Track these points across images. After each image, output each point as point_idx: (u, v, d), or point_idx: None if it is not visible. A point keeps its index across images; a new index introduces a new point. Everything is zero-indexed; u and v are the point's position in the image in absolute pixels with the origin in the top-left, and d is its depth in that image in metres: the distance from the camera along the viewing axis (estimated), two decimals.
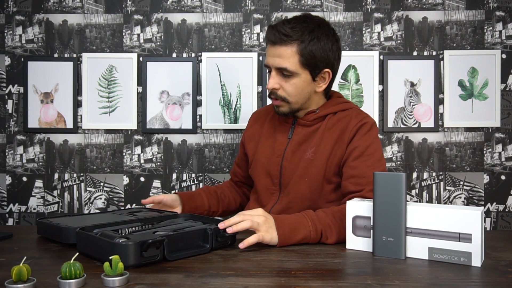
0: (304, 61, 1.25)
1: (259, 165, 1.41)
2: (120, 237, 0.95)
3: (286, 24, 1.25)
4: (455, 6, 2.06)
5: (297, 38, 1.24)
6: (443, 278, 0.84)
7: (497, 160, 2.06)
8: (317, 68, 1.28)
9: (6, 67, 2.10)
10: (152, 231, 1.05)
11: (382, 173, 1.00)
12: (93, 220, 1.19)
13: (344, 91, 2.06)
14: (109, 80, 2.09)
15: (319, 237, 1.12)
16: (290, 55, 1.25)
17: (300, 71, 1.27)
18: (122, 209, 1.48)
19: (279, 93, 1.30)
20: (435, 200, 2.08)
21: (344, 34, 2.08)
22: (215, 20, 2.09)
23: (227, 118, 2.08)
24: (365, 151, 1.27)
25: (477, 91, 2.05)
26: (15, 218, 2.11)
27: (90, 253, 0.98)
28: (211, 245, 1.03)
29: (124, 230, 1.08)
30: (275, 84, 1.28)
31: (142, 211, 1.34)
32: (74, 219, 1.23)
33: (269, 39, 1.28)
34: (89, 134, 2.09)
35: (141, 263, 0.90)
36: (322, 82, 1.33)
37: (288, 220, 1.11)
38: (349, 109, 1.36)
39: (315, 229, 1.11)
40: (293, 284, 0.81)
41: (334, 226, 1.13)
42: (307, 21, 1.27)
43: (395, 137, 2.07)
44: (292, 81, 1.28)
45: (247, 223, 1.04)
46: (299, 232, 1.10)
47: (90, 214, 1.36)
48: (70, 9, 2.09)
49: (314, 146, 1.31)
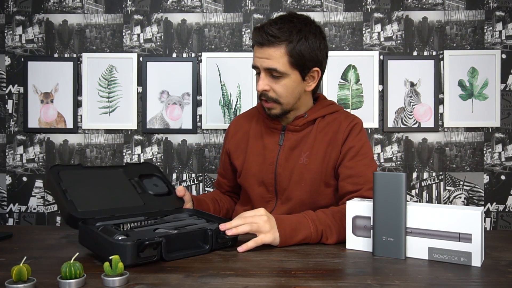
0: (294, 61, 1.24)
1: (250, 175, 1.38)
2: (120, 234, 0.95)
3: (273, 25, 1.23)
4: (455, 6, 2.06)
5: (285, 39, 1.23)
6: (443, 278, 0.84)
7: (497, 160, 2.06)
8: (306, 67, 1.27)
9: (6, 67, 2.10)
10: (153, 228, 1.04)
11: (382, 173, 1.00)
12: (103, 195, 1.15)
13: (344, 91, 2.06)
14: (109, 80, 2.09)
15: (320, 237, 1.12)
16: (280, 56, 1.23)
17: (289, 72, 1.25)
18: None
19: (270, 95, 1.28)
20: (435, 200, 2.08)
21: (344, 34, 2.08)
22: (215, 20, 2.09)
23: (227, 118, 2.08)
24: (359, 150, 1.27)
25: (477, 91, 2.05)
26: (15, 218, 2.11)
27: (90, 248, 0.98)
28: (210, 246, 1.03)
29: (126, 225, 1.07)
30: (265, 85, 1.27)
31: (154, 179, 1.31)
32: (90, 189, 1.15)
33: (257, 41, 1.26)
34: (89, 134, 2.09)
35: (137, 263, 0.91)
36: (311, 81, 1.32)
37: (289, 221, 1.11)
38: (337, 111, 1.36)
39: (316, 229, 1.11)
40: (293, 284, 0.81)
41: (334, 226, 1.13)
42: (294, 21, 1.25)
43: (395, 137, 2.07)
44: (282, 82, 1.26)
45: (246, 228, 1.04)
46: (300, 232, 1.10)
47: (103, 169, 1.29)
48: (70, 9, 2.10)
49: (308, 151, 1.31)
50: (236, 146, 1.45)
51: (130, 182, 1.23)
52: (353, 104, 2.06)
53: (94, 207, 1.08)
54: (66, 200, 1.06)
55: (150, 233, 1.01)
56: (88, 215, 1.05)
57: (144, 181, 1.26)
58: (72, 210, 1.04)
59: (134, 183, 1.23)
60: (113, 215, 1.09)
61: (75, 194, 1.09)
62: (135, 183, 1.23)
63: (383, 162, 2.08)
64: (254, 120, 1.44)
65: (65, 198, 1.07)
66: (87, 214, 1.05)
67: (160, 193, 1.26)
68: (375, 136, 2.07)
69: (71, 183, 1.11)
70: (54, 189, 1.10)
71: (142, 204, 1.17)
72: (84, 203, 1.08)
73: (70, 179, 1.13)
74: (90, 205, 1.08)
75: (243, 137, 1.44)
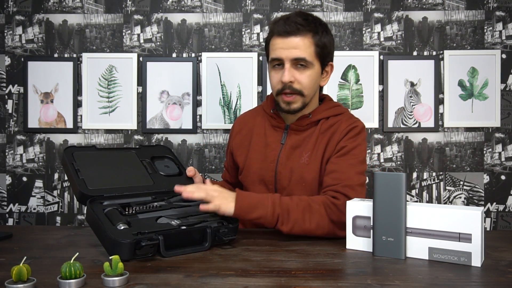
0: (319, 52, 1.26)
1: (251, 172, 1.38)
2: (123, 222, 0.99)
3: (297, 16, 1.25)
4: (455, 6, 2.06)
5: (311, 29, 1.24)
6: (443, 278, 0.84)
7: (497, 160, 2.06)
8: (326, 60, 1.30)
9: (6, 67, 2.10)
10: (156, 217, 1.07)
11: (382, 173, 1.00)
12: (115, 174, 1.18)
13: (344, 91, 2.06)
14: (109, 80, 2.09)
15: (275, 221, 1.12)
16: (308, 45, 1.24)
17: (315, 62, 1.27)
18: None
19: (295, 86, 1.26)
20: (435, 200, 2.08)
21: (344, 34, 2.08)
22: (215, 20, 2.09)
23: (227, 118, 2.08)
24: (350, 151, 1.26)
25: (477, 91, 2.05)
26: (15, 218, 2.11)
27: (92, 229, 1.03)
28: (209, 243, 1.04)
29: (132, 208, 1.09)
30: (291, 77, 1.25)
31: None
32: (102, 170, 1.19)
33: (281, 30, 1.25)
34: (89, 134, 2.09)
35: (134, 258, 0.95)
36: (325, 76, 1.35)
37: (251, 197, 1.13)
38: (341, 113, 1.36)
39: (272, 212, 1.11)
40: (293, 284, 0.81)
41: (293, 214, 1.12)
42: (313, 15, 1.29)
43: (395, 137, 2.07)
44: (307, 73, 1.26)
45: (202, 193, 1.10)
46: (257, 211, 1.11)
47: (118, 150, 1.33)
48: (70, 9, 2.10)
49: (309, 151, 1.31)
50: (240, 143, 1.45)
51: (142, 163, 1.26)
52: (353, 104, 2.06)
53: (104, 185, 1.13)
54: (78, 178, 1.11)
55: (152, 223, 1.04)
56: (98, 192, 1.09)
57: (155, 162, 1.29)
58: (83, 188, 1.09)
59: (145, 164, 1.26)
60: (121, 193, 1.12)
61: (87, 173, 1.14)
62: (147, 164, 1.27)
63: (383, 162, 2.08)
64: (259, 118, 1.44)
65: (77, 177, 1.12)
66: (97, 191, 1.09)
67: (171, 174, 1.28)
68: (375, 136, 2.07)
69: (84, 163, 1.17)
70: (67, 168, 1.15)
71: (151, 184, 1.20)
72: (95, 182, 1.12)
73: (84, 159, 1.18)
74: (101, 184, 1.13)
75: (247, 134, 1.44)
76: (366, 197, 1.52)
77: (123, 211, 1.07)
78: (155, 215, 1.08)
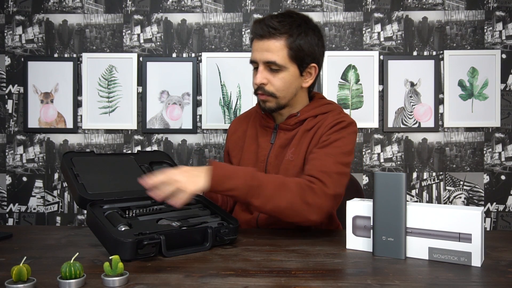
0: (293, 55, 1.25)
1: None
2: (124, 224, 0.99)
3: (273, 18, 1.25)
4: (455, 6, 2.06)
5: (286, 32, 1.24)
6: (443, 278, 0.84)
7: (497, 160, 2.06)
8: (305, 62, 1.28)
9: (6, 67, 2.10)
10: (157, 219, 1.08)
11: (382, 173, 1.00)
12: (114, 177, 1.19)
13: (344, 91, 2.06)
14: (109, 80, 2.09)
15: (247, 193, 1.10)
16: (279, 49, 1.24)
17: (288, 65, 1.26)
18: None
19: (267, 89, 1.28)
20: (435, 200, 2.08)
21: (344, 34, 2.08)
22: (215, 20, 2.09)
23: (227, 118, 2.08)
24: (332, 143, 1.25)
25: (477, 91, 2.05)
26: (15, 218, 2.11)
27: (93, 232, 1.03)
28: (210, 244, 1.04)
29: (132, 211, 1.10)
30: (263, 79, 1.27)
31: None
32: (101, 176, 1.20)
33: (256, 33, 1.26)
34: (89, 134, 2.09)
35: (136, 258, 0.95)
36: (308, 77, 1.33)
37: (227, 168, 1.12)
38: (330, 111, 1.34)
39: (245, 184, 1.10)
40: (293, 284, 0.81)
41: (266, 190, 1.11)
42: (294, 16, 1.27)
43: (395, 137, 2.07)
44: (280, 75, 1.27)
45: (163, 177, 1.06)
46: (230, 181, 1.09)
47: (114, 156, 1.35)
48: (70, 9, 2.10)
49: (293, 147, 1.31)
50: (234, 145, 1.46)
51: (140, 168, 1.27)
52: (353, 104, 2.06)
53: (103, 189, 1.13)
54: (77, 183, 1.12)
55: (153, 225, 1.04)
56: (97, 197, 1.10)
57: (154, 167, 1.31)
58: (82, 192, 1.09)
59: (144, 169, 1.27)
60: (121, 197, 1.13)
61: (86, 178, 1.15)
62: (145, 169, 1.28)
63: (383, 162, 2.08)
64: (251, 120, 1.46)
65: (76, 181, 1.12)
66: (96, 196, 1.10)
67: None
68: (375, 136, 2.07)
69: (83, 168, 1.17)
70: (66, 173, 1.16)
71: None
72: (94, 186, 1.13)
73: (82, 164, 1.19)
74: (100, 188, 1.13)
75: (241, 136, 1.46)
76: (362, 196, 1.52)
77: (124, 214, 1.08)
78: (156, 217, 1.09)
